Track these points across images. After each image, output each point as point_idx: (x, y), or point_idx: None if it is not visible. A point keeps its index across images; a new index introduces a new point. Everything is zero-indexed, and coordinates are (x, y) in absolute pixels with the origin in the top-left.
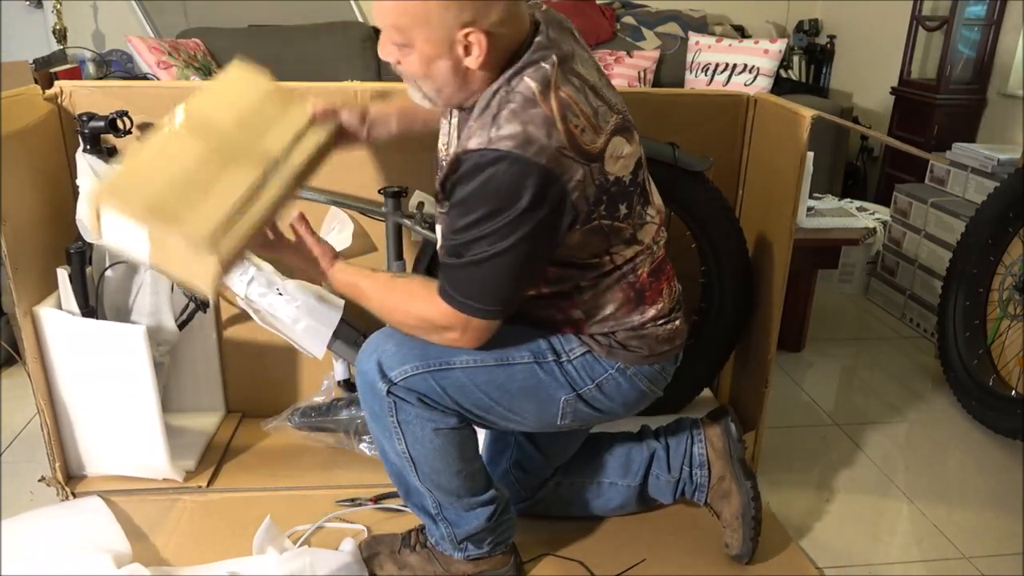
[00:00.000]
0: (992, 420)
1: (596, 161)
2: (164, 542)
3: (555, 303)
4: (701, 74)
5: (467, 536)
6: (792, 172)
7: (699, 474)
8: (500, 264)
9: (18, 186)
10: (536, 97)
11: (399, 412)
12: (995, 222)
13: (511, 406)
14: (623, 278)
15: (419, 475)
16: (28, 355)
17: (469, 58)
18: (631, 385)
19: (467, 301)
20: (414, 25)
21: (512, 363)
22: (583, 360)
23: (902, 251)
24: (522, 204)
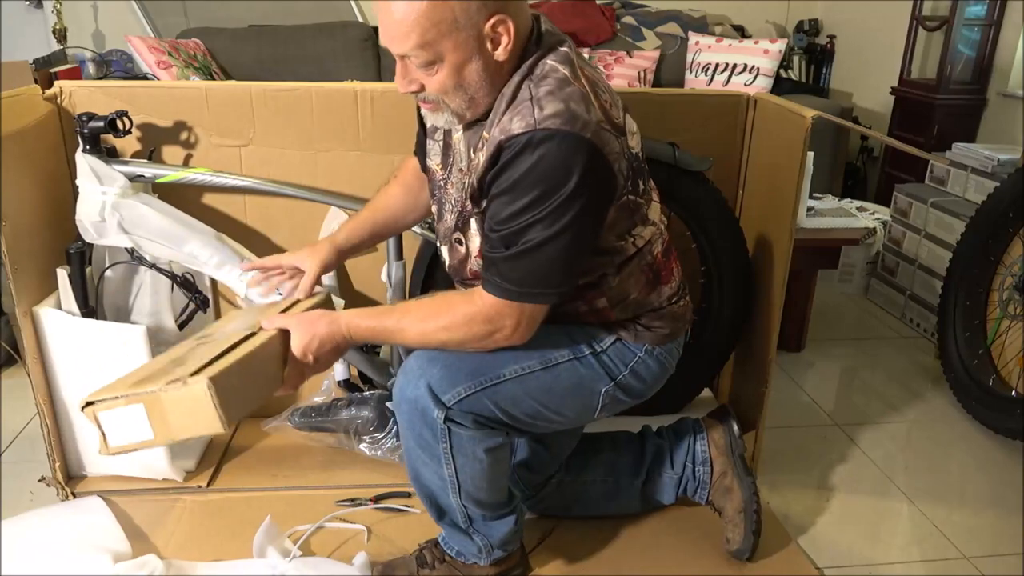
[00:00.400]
0: (992, 420)
1: (624, 135)
2: (164, 542)
3: (582, 294)
4: (701, 74)
5: (501, 543)
6: (792, 172)
7: (701, 471)
8: (555, 247)
9: (18, 186)
10: (568, 76)
11: (453, 438)
12: (995, 222)
13: (558, 407)
14: (642, 260)
15: (461, 494)
16: (28, 355)
17: (499, 50)
18: (658, 364)
19: (521, 289)
20: (442, 35)
21: (555, 364)
22: (615, 348)
23: (902, 251)
24: (573, 182)
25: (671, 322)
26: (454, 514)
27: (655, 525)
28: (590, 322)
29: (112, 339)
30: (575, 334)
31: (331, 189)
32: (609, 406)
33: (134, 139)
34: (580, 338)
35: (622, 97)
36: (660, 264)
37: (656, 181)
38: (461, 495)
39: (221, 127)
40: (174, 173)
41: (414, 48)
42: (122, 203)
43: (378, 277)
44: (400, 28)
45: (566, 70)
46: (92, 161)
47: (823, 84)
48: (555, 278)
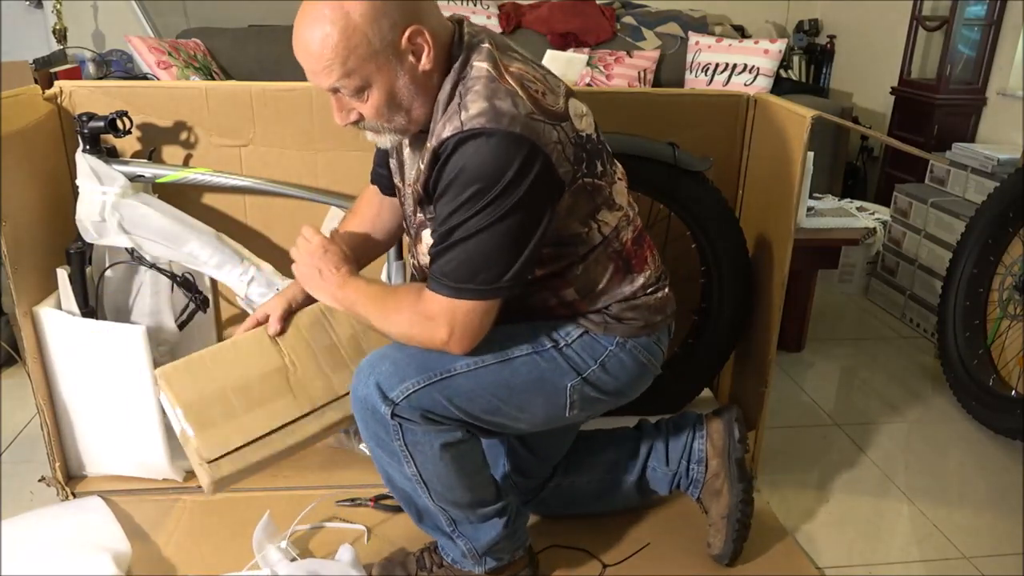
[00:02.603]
0: (992, 420)
1: (565, 120)
2: (164, 542)
3: (548, 285)
4: (701, 74)
5: (487, 548)
6: (792, 172)
7: (696, 469)
8: (489, 239)
9: (18, 186)
10: (492, 74)
11: (406, 435)
12: (995, 222)
13: (520, 403)
14: (609, 247)
15: (431, 495)
16: (28, 355)
17: (422, 60)
18: (633, 359)
19: (456, 284)
20: (363, 60)
21: (512, 358)
22: (582, 342)
23: (902, 251)
24: (507, 177)
25: (646, 313)
26: (434, 517)
27: (657, 518)
28: (560, 315)
29: (112, 339)
30: (538, 328)
31: (331, 189)
32: (582, 404)
33: (134, 139)
34: (542, 332)
35: (618, 96)
36: (630, 252)
37: (656, 181)
38: (432, 496)
39: (221, 127)
40: (174, 173)
41: (340, 79)
42: (122, 203)
43: (378, 277)
44: (320, 63)
45: (490, 67)
46: (92, 161)
47: (823, 84)
48: (491, 272)
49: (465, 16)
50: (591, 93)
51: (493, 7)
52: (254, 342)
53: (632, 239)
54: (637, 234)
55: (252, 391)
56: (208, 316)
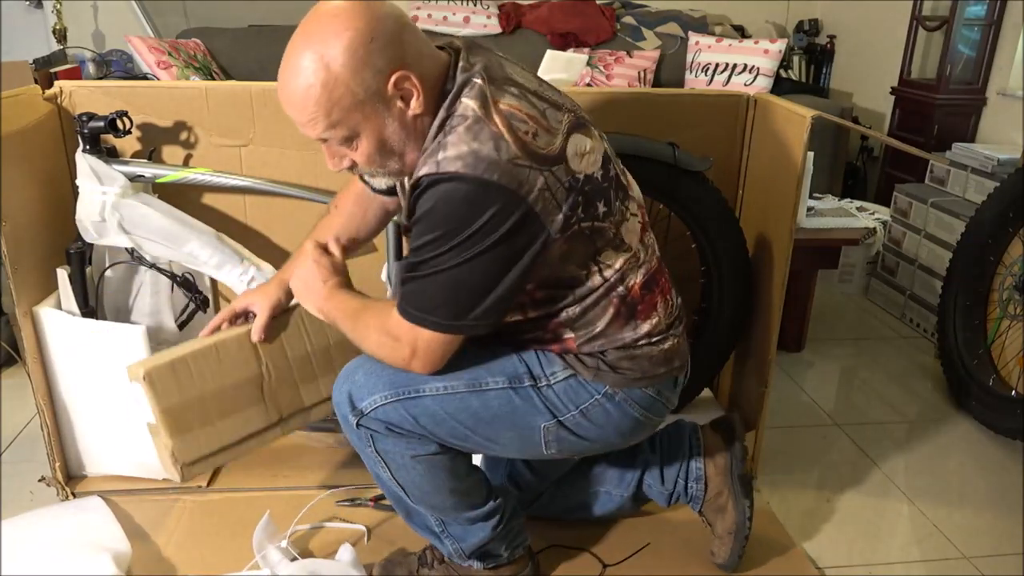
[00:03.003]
0: (992, 420)
1: (558, 163)
2: (164, 542)
3: (542, 324)
4: (701, 74)
5: (474, 550)
6: (792, 172)
7: (695, 487)
8: (451, 279)
9: (18, 186)
10: (478, 113)
11: (376, 443)
12: (995, 222)
13: (488, 434)
14: (612, 291)
15: (411, 498)
16: (28, 355)
17: (412, 104)
18: (621, 412)
19: (415, 311)
20: (347, 111)
21: (485, 389)
22: (566, 385)
23: (902, 251)
24: (479, 223)
25: (646, 364)
26: (422, 517)
27: (656, 517)
28: (551, 349)
29: (112, 339)
30: (521, 362)
31: (331, 189)
32: (559, 445)
33: (134, 139)
34: (525, 366)
35: (618, 96)
36: (636, 297)
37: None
38: (412, 499)
39: (221, 127)
40: (174, 173)
41: (325, 131)
42: (122, 203)
43: (378, 277)
44: (304, 116)
45: (477, 106)
46: (92, 161)
47: (823, 84)
48: (452, 309)
49: (463, 44)
50: (591, 93)
51: (493, 7)
52: (236, 347)
53: (641, 283)
54: (648, 277)
55: (229, 398)
56: (208, 316)
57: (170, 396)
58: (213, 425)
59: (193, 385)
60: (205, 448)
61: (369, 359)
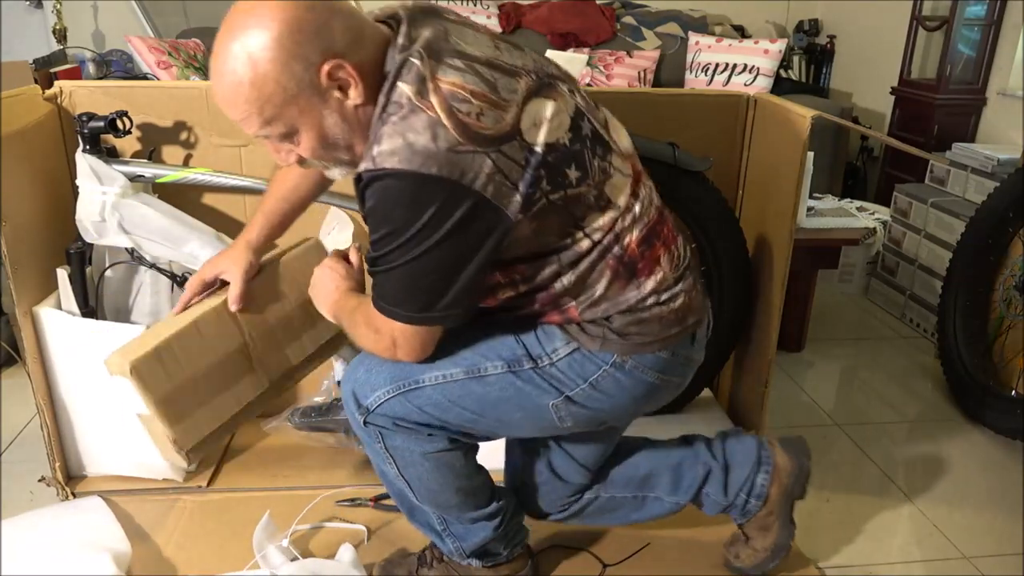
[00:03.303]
0: (992, 420)
1: (509, 140)
2: (164, 542)
3: (538, 298)
4: (701, 74)
5: (475, 549)
6: (792, 172)
7: (754, 504)
8: (413, 271)
9: (18, 186)
10: (413, 100)
11: (385, 439)
12: (995, 222)
13: (498, 417)
14: (606, 253)
15: (416, 495)
16: (28, 355)
17: (350, 94)
18: (633, 379)
19: (386, 305)
20: (280, 106)
21: (484, 374)
22: (570, 360)
23: (902, 251)
24: (423, 220)
25: (656, 327)
26: (424, 515)
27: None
28: (552, 320)
29: (112, 339)
30: (518, 343)
31: (331, 189)
32: (575, 419)
33: (134, 139)
34: (524, 346)
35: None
36: (635, 255)
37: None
38: (417, 497)
39: (221, 127)
40: (174, 173)
41: (262, 128)
42: (122, 203)
43: None
44: (237, 115)
45: (412, 92)
46: (92, 161)
47: (823, 84)
48: (417, 302)
49: (406, 14)
50: (591, 93)
51: (493, 7)
52: (216, 320)
53: (639, 239)
54: (647, 231)
55: (218, 374)
56: None
57: (161, 385)
58: (208, 404)
59: (181, 369)
60: (205, 429)
61: (369, 357)
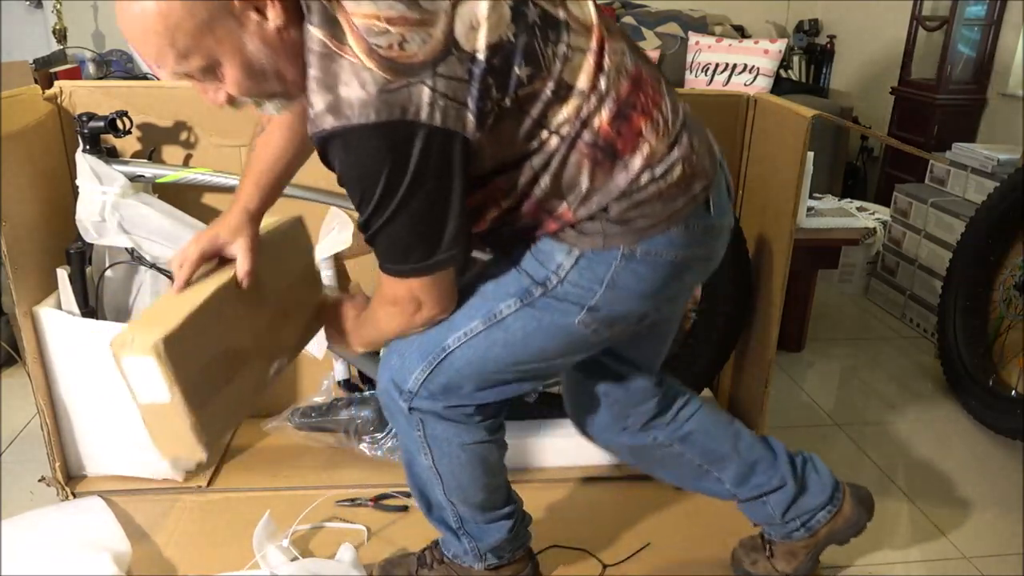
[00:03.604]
0: (992, 420)
1: (444, 59)
2: (164, 542)
3: (523, 210)
4: (701, 74)
5: (490, 548)
6: (792, 172)
7: (800, 534)
8: (403, 223)
9: (18, 186)
10: (328, 46)
11: (426, 428)
12: (995, 222)
13: (534, 355)
14: (575, 143)
15: (444, 489)
16: (28, 355)
17: (268, 15)
18: (650, 266)
19: (396, 267)
20: (194, 36)
21: (501, 318)
22: (577, 270)
23: (902, 251)
24: (385, 169)
25: (659, 207)
26: (443, 511)
27: (657, 513)
28: (550, 230)
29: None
30: (522, 272)
31: (331, 189)
32: (608, 329)
33: (134, 139)
34: (528, 277)
35: None
36: (610, 136)
37: None
38: (446, 490)
39: (221, 127)
40: (174, 173)
41: (179, 64)
42: (122, 203)
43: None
44: (150, 52)
45: (325, 35)
46: (92, 161)
47: (823, 84)
48: (420, 251)
49: None
50: None
51: None
52: (229, 298)
53: (610, 117)
54: (618, 105)
55: (231, 357)
56: None
57: (187, 367)
58: (222, 391)
59: (201, 351)
60: (222, 418)
61: (397, 343)
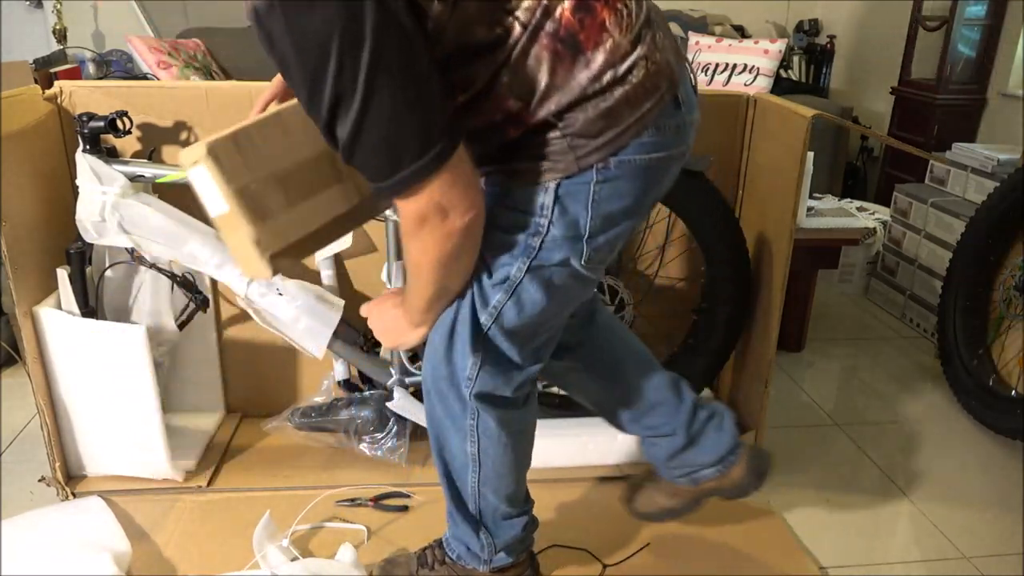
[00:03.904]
0: (992, 420)
1: None
2: (164, 542)
3: (483, 106)
4: (701, 74)
5: (504, 545)
6: (792, 172)
7: (683, 482)
8: (377, 115)
9: (18, 186)
10: None
11: (480, 417)
12: (995, 222)
13: (562, 301)
14: (537, 34)
15: (480, 477)
16: (28, 355)
17: None
18: (629, 174)
19: (401, 177)
20: None
21: (518, 282)
22: (559, 205)
23: (902, 251)
24: (333, 49)
25: (626, 112)
26: (467, 502)
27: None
28: (511, 135)
29: (112, 339)
30: (515, 227)
31: None
32: (607, 246)
33: (134, 139)
34: (520, 231)
35: None
36: (573, 27)
37: None
38: (481, 478)
39: (221, 127)
40: (174, 173)
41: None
42: (122, 203)
43: (378, 277)
44: None
45: None
46: (92, 161)
47: (823, 84)
48: (411, 149)
49: None
50: None
51: None
52: (301, 118)
53: (573, 6)
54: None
55: (304, 176)
56: (208, 316)
57: (240, 174)
58: (295, 208)
59: (262, 161)
60: (291, 234)
61: (435, 342)
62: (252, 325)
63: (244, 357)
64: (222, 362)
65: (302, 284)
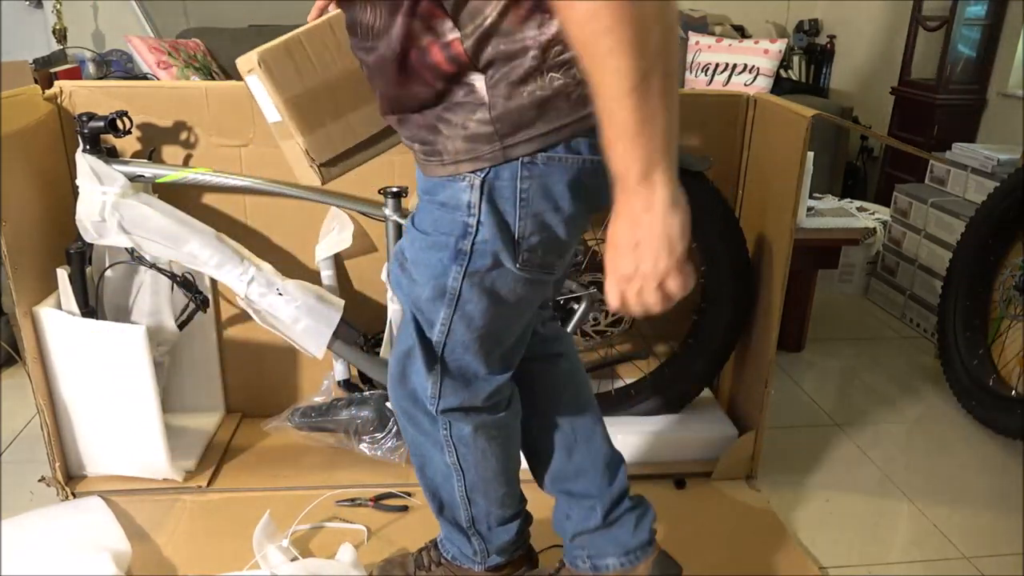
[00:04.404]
0: (992, 420)
1: None
2: (164, 542)
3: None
4: (701, 74)
5: (497, 549)
6: (792, 172)
7: (583, 565)
8: None
9: (18, 186)
10: None
11: (453, 428)
12: (995, 222)
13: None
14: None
15: (466, 485)
16: (28, 355)
17: None
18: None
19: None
20: None
21: (457, 293)
22: (487, 205)
23: (902, 251)
24: None
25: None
26: (456, 511)
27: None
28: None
29: (112, 339)
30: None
31: (331, 189)
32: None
33: (134, 139)
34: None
35: None
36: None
37: None
38: (467, 486)
39: (221, 127)
40: (174, 173)
41: None
42: (122, 203)
43: (378, 277)
44: None
45: None
46: (92, 161)
47: (823, 84)
48: None
49: None
50: None
51: None
52: (340, 32)
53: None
54: None
55: (356, 86)
56: (208, 316)
57: (292, 84)
58: (345, 118)
59: (315, 72)
60: (340, 144)
61: (395, 361)
62: (252, 325)
63: (244, 357)
64: (222, 362)
65: (302, 284)
